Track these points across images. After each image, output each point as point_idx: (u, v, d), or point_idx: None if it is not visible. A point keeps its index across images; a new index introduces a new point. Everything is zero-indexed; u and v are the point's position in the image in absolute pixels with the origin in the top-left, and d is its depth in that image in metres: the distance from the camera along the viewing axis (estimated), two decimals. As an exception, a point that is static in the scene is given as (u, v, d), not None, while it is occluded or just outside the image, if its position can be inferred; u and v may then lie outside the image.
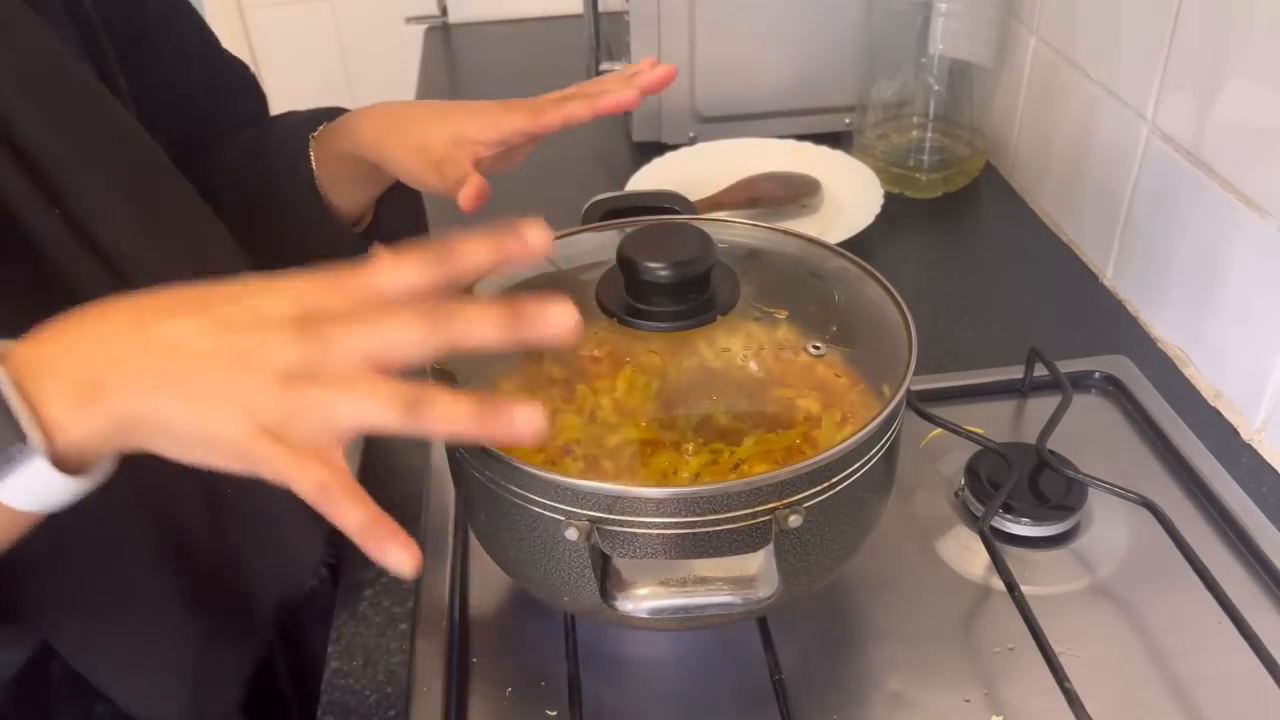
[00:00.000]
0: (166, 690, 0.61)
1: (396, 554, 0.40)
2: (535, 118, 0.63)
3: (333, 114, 0.73)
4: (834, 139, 1.15)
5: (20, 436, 0.40)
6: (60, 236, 0.54)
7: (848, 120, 1.18)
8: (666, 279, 0.57)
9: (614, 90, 0.65)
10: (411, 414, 0.40)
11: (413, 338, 0.41)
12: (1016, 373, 0.81)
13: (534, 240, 0.43)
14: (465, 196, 0.61)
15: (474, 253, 0.43)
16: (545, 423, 0.40)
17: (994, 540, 0.66)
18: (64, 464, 0.41)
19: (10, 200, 0.53)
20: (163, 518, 0.58)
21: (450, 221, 0.93)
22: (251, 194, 0.71)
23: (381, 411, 0.40)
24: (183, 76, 0.72)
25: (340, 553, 0.71)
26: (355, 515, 0.40)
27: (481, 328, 0.41)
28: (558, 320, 0.41)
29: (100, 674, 0.59)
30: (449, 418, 0.40)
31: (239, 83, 0.78)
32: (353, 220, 0.75)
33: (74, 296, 0.56)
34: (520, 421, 0.40)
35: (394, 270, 0.42)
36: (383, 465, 0.79)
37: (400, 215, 0.77)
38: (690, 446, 0.55)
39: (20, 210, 0.53)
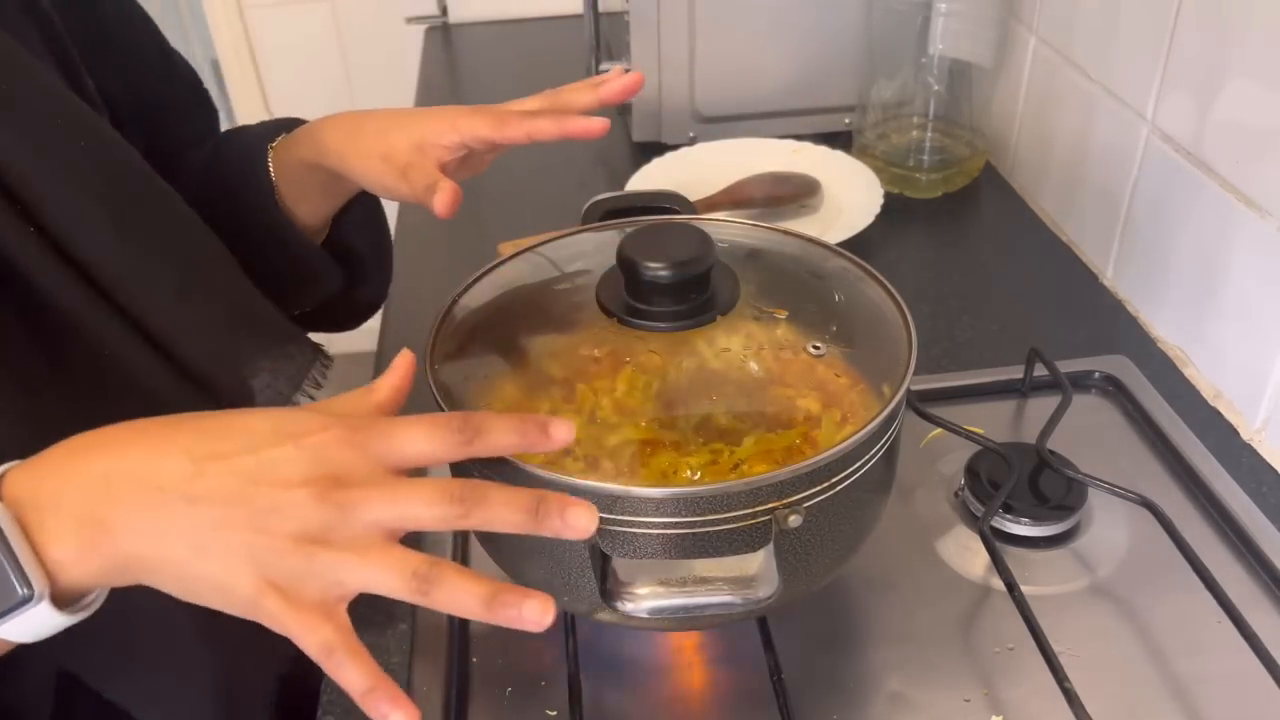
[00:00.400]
0: (196, 711, 0.61)
1: (396, 718, 0.41)
2: (500, 127, 0.62)
3: (291, 125, 0.72)
4: (834, 139, 1.15)
5: (26, 585, 0.40)
6: (41, 257, 0.53)
7: (848, 120, 1.18)
8: (666, 279, 0.57)
9: (580, 100, 0.64)
10: (420, 588, 0.41)
11: (434, 515, 0.42)
12: (1016, 373, 0.81)
13: (558, 436, 0.45)
14: (441, 203, 0.59)
15: (500, 437, 0.44)
16: (553, 617, 0.41)
17: (994, 540, 0.66)
18: (61, 599, 0.42)
19: None
20: None
21: (429, 228, 0.93)
22: (213, 207, 0.69)
23: (390, 582, 0.41)
24: (142, 84, 0.70)
25: None
26: (357, 677, 0.41)
27: (503, 516, 0.42)
28: (576, 521, 0.42)
29: (130, 700, 0.59)
30: (456, 599, 0.41)
31: (193, 93, 0.76)
32: (315, 231, 0.74)
33: (59, 320, 0.55)
34: (529, 613, 0.41)
35: (419, 440, 0.43)
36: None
37: (361, 227, 0.76)
38: (691, 447, 0.55)
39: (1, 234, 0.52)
